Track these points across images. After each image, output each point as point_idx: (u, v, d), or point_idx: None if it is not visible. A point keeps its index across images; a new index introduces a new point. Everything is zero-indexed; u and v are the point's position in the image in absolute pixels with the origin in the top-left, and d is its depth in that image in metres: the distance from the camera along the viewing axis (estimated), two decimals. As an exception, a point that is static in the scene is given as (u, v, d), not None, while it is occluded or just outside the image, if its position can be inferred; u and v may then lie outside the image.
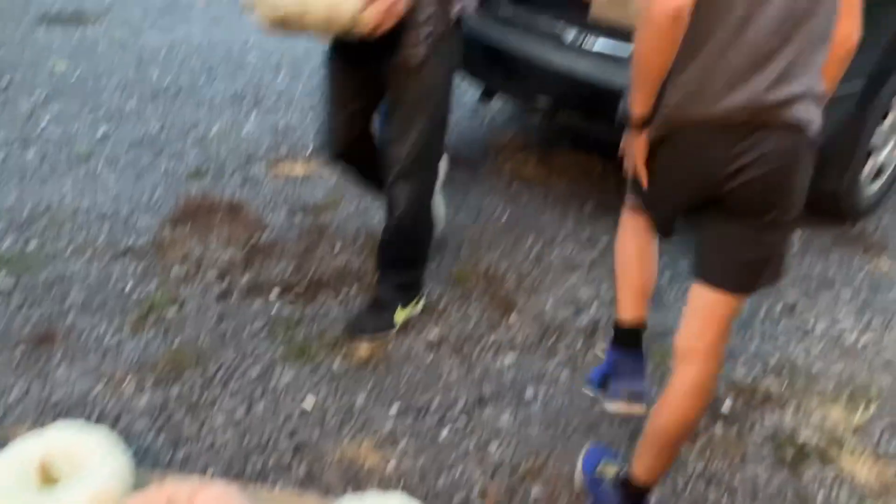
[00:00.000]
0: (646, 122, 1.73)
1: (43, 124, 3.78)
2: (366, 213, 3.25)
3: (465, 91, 4.37)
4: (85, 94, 4.12)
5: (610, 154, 3.65)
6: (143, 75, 4.40)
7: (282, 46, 4.90)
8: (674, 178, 1.77)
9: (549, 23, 3.43)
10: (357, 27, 2.05)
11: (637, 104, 1.72)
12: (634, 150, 1.81)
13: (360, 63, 2.36)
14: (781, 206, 1.71)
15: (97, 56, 4.58)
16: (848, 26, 1.71)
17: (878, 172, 3.41)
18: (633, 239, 2.11)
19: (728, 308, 1.76)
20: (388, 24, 2.07)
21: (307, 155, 3.70)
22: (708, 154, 1.67)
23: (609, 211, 3.33)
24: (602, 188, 3.55)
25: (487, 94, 3.79)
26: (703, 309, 1.78)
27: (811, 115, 1.67)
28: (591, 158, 3.79)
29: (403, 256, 2.57)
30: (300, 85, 4.42)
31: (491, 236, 3.16)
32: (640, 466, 1.87)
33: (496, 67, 3.43)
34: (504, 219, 3.30)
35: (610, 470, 2.02)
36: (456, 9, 2.29)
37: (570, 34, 3.33)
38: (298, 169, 3.58)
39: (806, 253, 3.19)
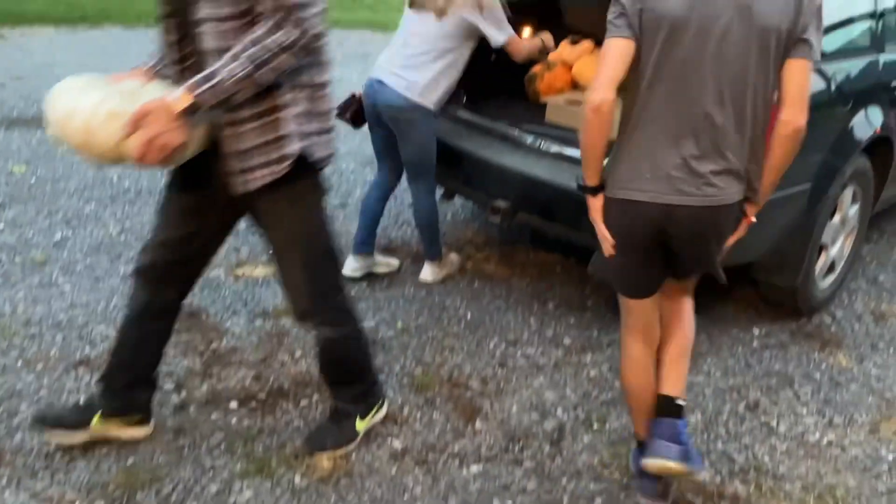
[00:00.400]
0: (597, 190, 2.12)
1: (-2, 230, 3.73)
2: (327, 316, 3.22)
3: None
4: (42, 199, 4.08)
5: (570, 252, 3.72)
6: (103, 178, 4.39)
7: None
8: (625, 232, 2.12)
9: (507, 126, 3.53)
10: (124, 156, 1.91)
11: (587, 178, 2.11)
12: (594, 214, 2.15)
13: (189, 185, 2.22)
14: (711, 251, 2.16)
15: (56, 159, 4.57)
16: (789, 113, 1.96)
17: (831, 268, 3.49)
18: (637, 366, 2.31)
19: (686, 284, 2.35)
20: (155, 156, 1.86)
21: (268, 256, 3.68)
22: (646, 217, 2.06)
23: (572, 309, 3.36)
24: (564, 286, 3.58)
25: (448, 194, 3.85)
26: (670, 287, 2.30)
27: (728, 187, 2.02)
28: (552, 256, 3.83)
29: (343, 375, 2.49)
30: (262, 186, 4.43)
31: (454, 338, 3.15)
32: (669, 384, 2.28)
33: (455, 170, 3.49)
34: (467, 318, 3.29)
35: None
36: (291, 148, 2.02)
37: (528, 137, 3.42)
38: (259, 271, 3.55)
39: (765, 349, 3.22)
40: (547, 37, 3.53)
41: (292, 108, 2.02)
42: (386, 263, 3.62)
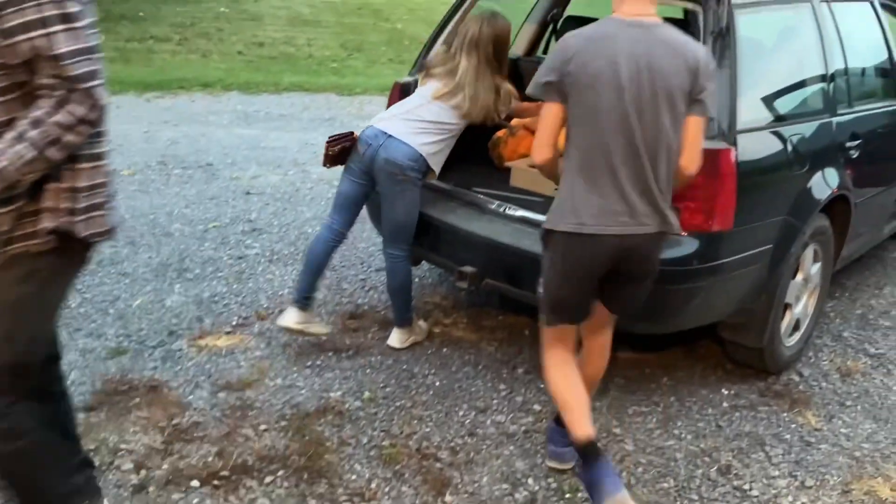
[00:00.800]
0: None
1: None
2: (291, 387, 3.16)
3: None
4: (0, 270, 3.99)
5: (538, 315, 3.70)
6: (64, 247, 4.31)
7: (207, 216, 4.91)
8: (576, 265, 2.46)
9: (472, 191, 3.54)
10: None
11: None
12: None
13: None
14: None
15: (16, 229, 4.49)
16: (684, 161, 2.41)
17: (796, 326, 3.51)
18: (562, 369, 2.59)
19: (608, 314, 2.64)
20: None
21: (232, 325, 3.63)
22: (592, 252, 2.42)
23: (542, 373, 3.32)
24: (533, 349, 3.55)
25: (414, 260, 3.83)
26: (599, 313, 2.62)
27: (654, 222, 2.40)
28: (521, 319, 3.82)
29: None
30: (225, 254, 4.39)
31: (422, 407, 3.10)
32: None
33: (421, 237, 3.48)
34: (436, 386, 3.25)
35: None
36: (47, 225, 1.88)
37: (492, 202, 3.43)
38: (222, 342, 3.49)
39: (735, 410, 3.21)
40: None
41: (55, 183, 1.88)
42: (320, 325, 3.52)
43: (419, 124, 3.29)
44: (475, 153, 3.98)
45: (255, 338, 3.53)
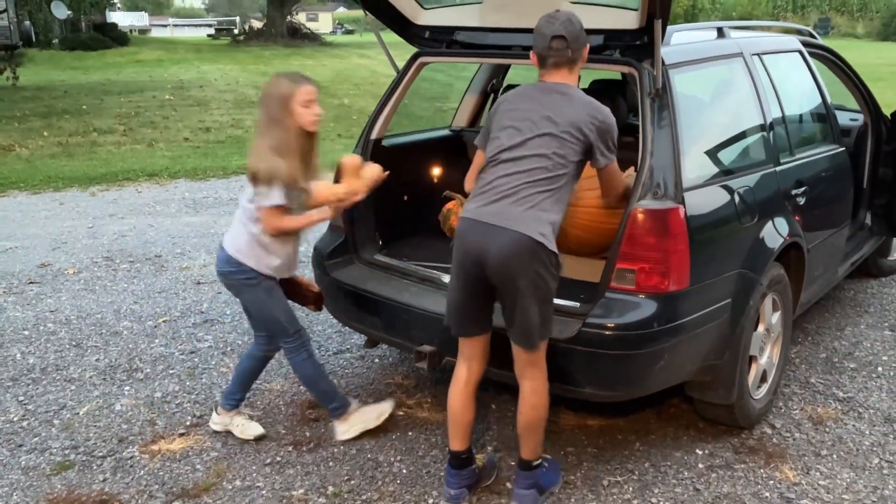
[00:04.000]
0: None
1: None
2: (251, 489, 3.00)
3: (351, 334, 4.31)
4: (-64, 387, 3.79)
5: (504, 388, 3.61)
6: (5, 356, 4.13)
7: (157, 310, 4.76)
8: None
9: (425, 267, 3.48)
10: None
11: None
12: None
13: None
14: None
15: (-47, 341, 4.30)
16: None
17: (763, 377, 3.47)
18: (462, 389, 2.85)
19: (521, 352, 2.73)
20: None
21: (186, 426, 3.46)
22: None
23: (512, 451, 3.21)
24: (502, 425, 3.45)
25: (371, 342, 3.73)
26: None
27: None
28: (485, 395, 3.70)
29: None
30: (176, 349, 4.23)
31: (390, 498, 2.95)
32: (523, 450, 2.84)
33: (375, 317, 3.39)
34: (403, 474, 3.11)
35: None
36: None
37: (446, 277, 3.36)
38: (176, 445, 3.32)
39: (711, 471, 3.13)
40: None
41: None
42: (245, 426, 3.36)
43: (237, 222, 3.08)
44: (424, 226, 3.94)
45: (210, 437, 3.37)
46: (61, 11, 21.12)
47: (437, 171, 4.16)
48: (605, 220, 3.19)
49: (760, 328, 3.39)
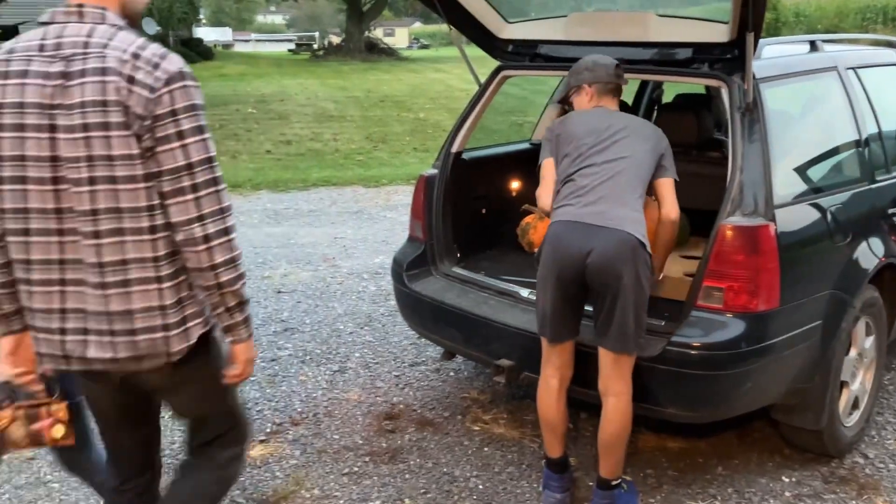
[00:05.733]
0: None
1: (-16, 426, 3.58)
2: (328, 498, 3.03)
3: (427, 346, 4.32)
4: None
5: (584, 405, 3.55)
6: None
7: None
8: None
9: (503, 281, 3.46)
10: None
11: None
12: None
13: None
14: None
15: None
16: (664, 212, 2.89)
17: (855, 404, 3.33)
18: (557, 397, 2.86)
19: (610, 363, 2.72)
20: None
21: (266, 433, 3.52)
22: None
23: (591, 470, 3.16)
24: (580, 444, 3.40)
25: (448, 354, 3.73)
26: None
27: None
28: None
29: None
30: (258, 357, 4.31)
31: (466, 513, 2.94)
32: (603, 468, 2.80)
33: (453, 330, 3.39)
34: (479, 489, 3.09)
35: None
36: None
37: (525, 291, 3.35)
38: (256, 451, 3.37)
39: (799, 501, 3.01)
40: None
41: None
42: None
43: None
44: (502, 240, 3.93)
45: (289, 445, 3.42)
46: (151, 27, 22.00)
47: (515, 185, 4.15)
48: None
49: (852, 352, 3.25)
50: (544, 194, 2.94)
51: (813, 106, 3.55)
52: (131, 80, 1.80)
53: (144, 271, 1.88)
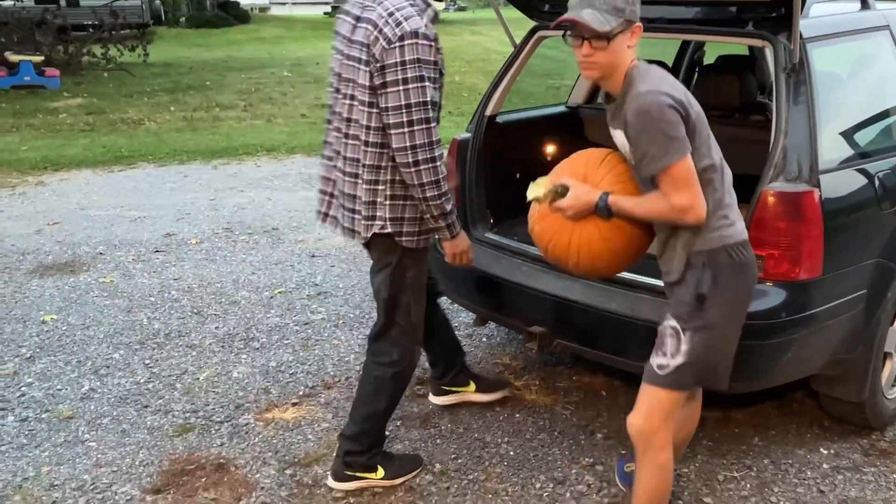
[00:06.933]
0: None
1: (25, 385, 3.65)
2: (361, 462, 3.04)
3: (459, 312, 4.30)
4: (72, 348, 4.02)
5: (616, 372, 3.51)
6: (133, 321, 4.34)
7: (273, 281, 4.89)
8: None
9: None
10: None
11: None
12: None
13: None
14: None
15: (87, 305, 4.55)
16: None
17: (899, 376, 3.24)
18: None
19: None
20: None
21: (299, 395, 3.54)
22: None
23: (623, 438, 3.12)
24: (612, 412, 3.36)
25: (481, 320, 3.70)
26: None
27: None
28: (597, 378, 3.63)
29: None
30: (291, 320, 4.34)
31: (497, 479, 2.93)
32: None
33: (486, 296, 3.36)
34: (510, 456, 3.08)
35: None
36: None
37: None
38: (289, 414, 3.40)
39: (837, 472, 2.95)
40: None
41: None
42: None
43: None
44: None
45: (321, 408, 3.44)
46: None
47: (551, 149, 4.07)
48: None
49: (898, 323, 3.16)
50: (702, 202, 2.17)
51: (863, 67, 3.41)
52: (380, 31, 2.44)
53: (361, 171, 2.61)
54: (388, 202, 2.61)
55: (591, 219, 2.32)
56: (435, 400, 3.41)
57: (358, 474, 2.86)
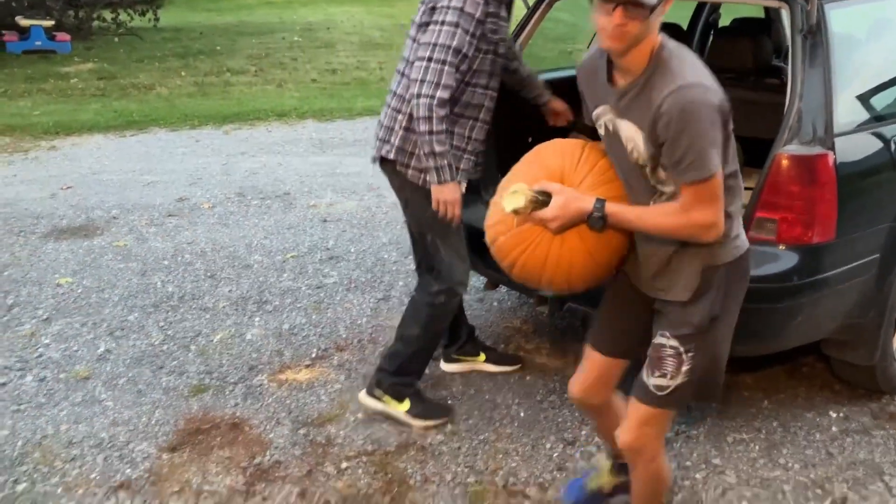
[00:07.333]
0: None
1: (42, 346, 3.71)
2: (372, 422, 3.08)
3: (470, 275, 4.31)
4: (87, 310, 4.07)
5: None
6: (147, 284, 4.38)
7: (286, 246, 4.92)
8: None
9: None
10: None
11: None
12: None
13: None
14: None
15: (102, 268, 4.59)
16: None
17: (910, 340, 3.24)
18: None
19: None
20: None
21: (312, 357, 3.58)
22: None
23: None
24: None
25: (492, 284, 3.71)
26: None
27: None
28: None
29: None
30: (303, 284, 4.37)
31: (507, 439, 2.97)
32: None
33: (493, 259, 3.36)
34: (520, 417, 3.12)
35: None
36: None
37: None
38: (302, 375, 3.44)
39: (846, 435, 2.97)
40: None
41: None
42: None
43: None
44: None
45: (334, 370, 3.48)
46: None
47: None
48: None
49: (911, 287, 3.15)
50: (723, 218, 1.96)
51: (881, 29, 3.36)
52: None
53: (391, 100, 2.90)
54: (401, 131, 2.82)
55: (576, 229, 2.00)
56: (445, 367, 3.44)
57: (385, 398, 2.97)
